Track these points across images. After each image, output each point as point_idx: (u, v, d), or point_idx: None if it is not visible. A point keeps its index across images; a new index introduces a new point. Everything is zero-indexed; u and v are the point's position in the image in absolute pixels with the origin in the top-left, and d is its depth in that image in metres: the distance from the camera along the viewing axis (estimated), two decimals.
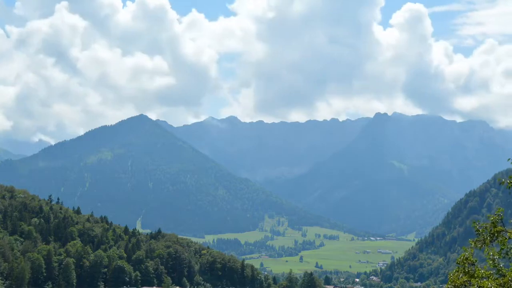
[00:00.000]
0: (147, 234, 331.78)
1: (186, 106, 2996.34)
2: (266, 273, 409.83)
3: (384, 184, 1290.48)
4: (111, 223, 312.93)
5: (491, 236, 32.93)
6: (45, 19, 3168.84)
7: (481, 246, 33.33)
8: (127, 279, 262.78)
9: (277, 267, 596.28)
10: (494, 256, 32.89)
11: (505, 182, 32.74)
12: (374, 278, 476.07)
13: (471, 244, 33.86)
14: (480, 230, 33.31)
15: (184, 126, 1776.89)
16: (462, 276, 33.83)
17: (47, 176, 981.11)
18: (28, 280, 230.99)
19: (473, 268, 33.84)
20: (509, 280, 31.84)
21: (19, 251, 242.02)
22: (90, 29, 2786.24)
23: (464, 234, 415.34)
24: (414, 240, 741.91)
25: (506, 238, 32.76)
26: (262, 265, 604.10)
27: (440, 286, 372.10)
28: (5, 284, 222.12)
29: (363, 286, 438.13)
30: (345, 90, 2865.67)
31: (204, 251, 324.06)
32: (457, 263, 34.75)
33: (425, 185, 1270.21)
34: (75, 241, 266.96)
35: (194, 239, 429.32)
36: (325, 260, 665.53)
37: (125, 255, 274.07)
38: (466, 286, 33.42)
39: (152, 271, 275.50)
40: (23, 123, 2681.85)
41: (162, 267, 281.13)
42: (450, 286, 34.03)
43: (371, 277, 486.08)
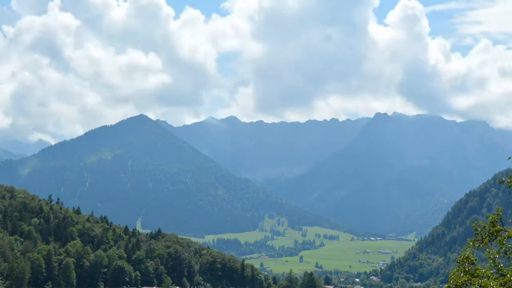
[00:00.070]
0: (147, 234, 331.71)
1: (186, 106, 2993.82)
2: (266, 273, 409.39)
3: (384, 184, 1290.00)
4: (111, 223, 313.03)
5: (490, 235, 32.98)
6: (38, 16, 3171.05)
7: (479, 246, 33.40)
8: (127, 279, 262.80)
9: (277, 267, 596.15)
10: (494, 255, 32.95)
11: (505, 182, 32.81)
12: (374, 278, 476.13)
13: (470, 244, 33.92)
14: (478, 229, 33.39)
15: (184, 126, 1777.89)
16: (463, 276, 33.86)
17: (47, 176, 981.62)
18: (28, 280, 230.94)
19: (473, 268, 33.87)
20: (509, 279, 31.85)
21: (19, 251, 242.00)
22: (83, 27, 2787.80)
23: (464, 234, 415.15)
24: (414, 240, 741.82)
25: (505, 238, 32.81)
26: (262, 265, 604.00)
27: (440, 286, 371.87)
28: (5, 284, 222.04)
29: (363, 286, 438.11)
30: (344, 89, 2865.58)
31: (204, 251, 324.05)
32: (457, 262, 34.78)
33: (425, 185, 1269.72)
34: (75, 241, 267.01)
35: (194, 239, 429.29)
36: (325, 260, 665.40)
37: (125, 255, 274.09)
38: (467, 285, 33.44)
39: (152, 271, 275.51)
40: (21, 122, 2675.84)
41: (162, 267, 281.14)
42: (451, 285, 34.03)
43: (371, 277, 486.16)
